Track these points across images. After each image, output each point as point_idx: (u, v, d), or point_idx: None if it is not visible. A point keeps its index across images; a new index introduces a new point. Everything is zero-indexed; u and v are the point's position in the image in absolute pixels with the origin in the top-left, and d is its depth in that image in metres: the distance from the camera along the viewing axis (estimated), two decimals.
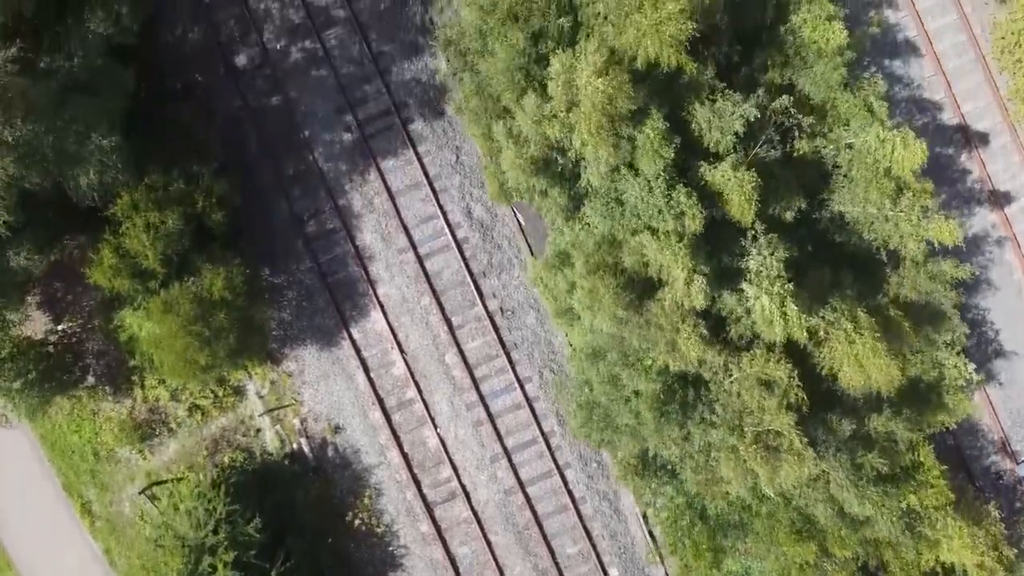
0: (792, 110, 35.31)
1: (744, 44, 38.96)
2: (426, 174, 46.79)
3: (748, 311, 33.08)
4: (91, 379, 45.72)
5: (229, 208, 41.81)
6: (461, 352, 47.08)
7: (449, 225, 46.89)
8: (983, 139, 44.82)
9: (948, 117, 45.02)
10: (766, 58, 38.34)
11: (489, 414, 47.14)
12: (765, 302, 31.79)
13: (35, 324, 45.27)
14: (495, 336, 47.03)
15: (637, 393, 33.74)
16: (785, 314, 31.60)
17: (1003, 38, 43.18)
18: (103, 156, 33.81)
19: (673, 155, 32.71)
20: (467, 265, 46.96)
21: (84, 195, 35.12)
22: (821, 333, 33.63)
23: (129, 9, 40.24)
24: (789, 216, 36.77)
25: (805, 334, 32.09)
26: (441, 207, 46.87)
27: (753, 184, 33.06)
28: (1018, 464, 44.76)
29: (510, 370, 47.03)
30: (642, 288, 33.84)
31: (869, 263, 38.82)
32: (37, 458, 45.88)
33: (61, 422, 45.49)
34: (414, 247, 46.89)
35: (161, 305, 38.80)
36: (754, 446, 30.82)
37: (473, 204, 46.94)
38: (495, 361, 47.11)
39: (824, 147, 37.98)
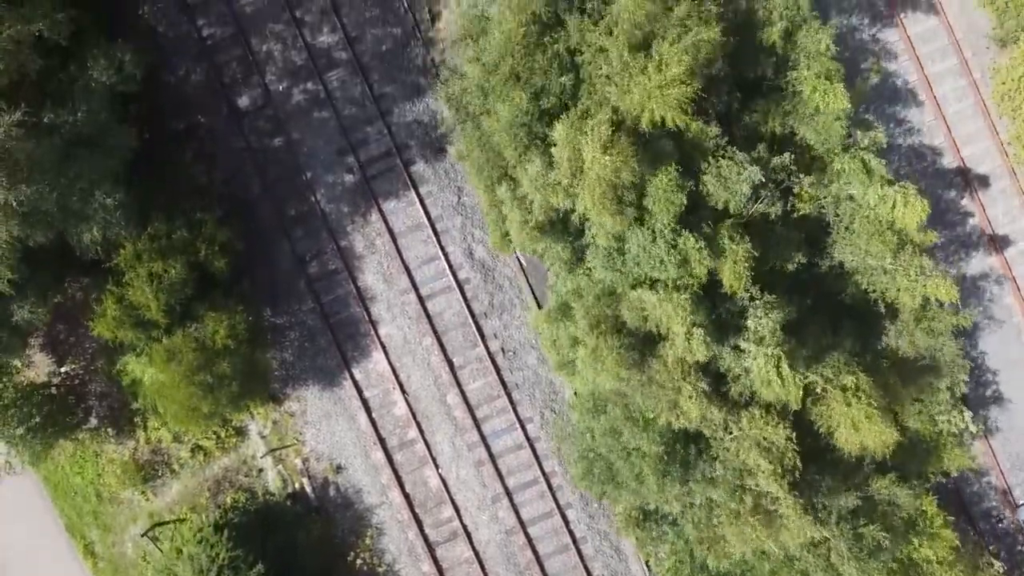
0: (792, 168, 35.45)
1: (744, 92, 39.10)
2: (428, 215, 46.96)
3: (747, 370, 33.24)
4: (94, 420, 45.90)
5: (232, 254, 41.95)
6: (462, 392, 47.25)
7: (451, 266, 47.05)
8: (983, 183, 44.98)
9: (948, 161, 45.18)
10: (767, 108, 38.44)
11: (490, 454, 47.32)
12: (762, 363, 31.94)
13: (38, 366, 45.44)
14: (496, 377, 47.20)
15: (639, 451, 33.92)
16: (781, 375, 31.76)
17: (1003, 83, 43.30)
18: (107, 214, 34.00)
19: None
20: (468, 306, 47.14)
21: (87, 250, 35.28)
22: (819, 390, 33.80)
23: (132, 57, 40.51)
24: (790, 267, 36.99)
25: (799, 397, 32.26)
26: (443, 248, 47.04)
27: (747, 259, 33.19)
28: (1018, 508, 44.92)
29: (511, 410, 47.21)
30: (643, 343, 34.00)
31: (868, 314, 38.98)
32: (40, 499, 46.06)
33: (64, 463, 45.66)
34: (416, 288, 47.06)
35: (164, 353, 38.99)
36: (754, 515, 31.00)
37: (475, 245, 47.09)
38: (496, 401, 47.29)
39: (825, 199, 38.13)
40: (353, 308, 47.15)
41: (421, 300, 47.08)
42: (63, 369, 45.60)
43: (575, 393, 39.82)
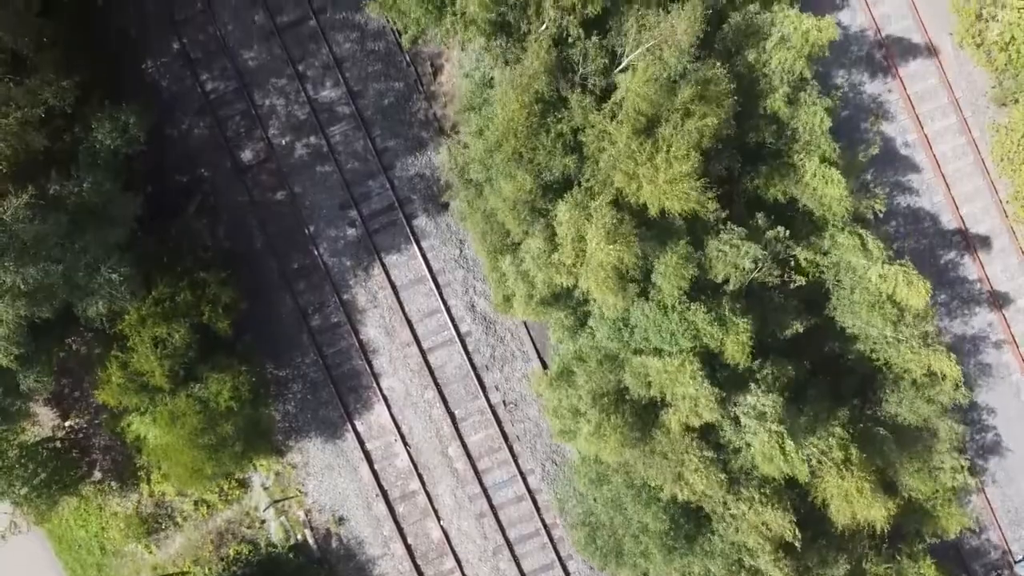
0: (790, 243, 35.71)
1: (745, 155, 39.34)
2: (429, 269, 47.22)
3: (748, 444, 33.52)
4: (98, 474, 46.18)
5: (235, 313, 42.22)
6: (464, 445, 47.52)
7: (452, 319, 47.31)
8: (982, 241, 45.22)
9: (947, 219, 45.40)
10: (768, 175, 38.67)
11: (492, 506, 47.60)
12: (764, 438, 32.22)
13: (41, 421, 45.71)
14: (497, 429, 47.48)
15: (642, 525, 34.17)
16: (785, 452, 32.03)
17: (1002, 143, 43.49)
18: (112, 289, 34.24)
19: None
20: (470, 359, 47.40)
21: (92, 321, 35.53)
22: (814, 462, 34.07)
23: (137, 118, 40.83)
24: (788, 333, 37.28)
25: (807, 473, 32.55)
26: (444, 301, 47.29)
27: (748, 333, 33.48)
28: (1016, 564, 45.18)
29: (512, 462, 47.48)
30: (645, 410, 34.28)
31: (868, 376, 39.24)
32: (44, 552, 46.33)
33: (68, 517, 45.93)
34: (417, 341, 47.32)
35: (168, 416, 39.29)
36: None
37: (476, 298, 47.34)
38: (497, 453, 47.56)
39: (825, 266, 38.39)
40: (355, 361, 47.41)
41: (423, 353, 47.34)
42: (67, 423, 45.88)
43: (579, 453, 40.07)
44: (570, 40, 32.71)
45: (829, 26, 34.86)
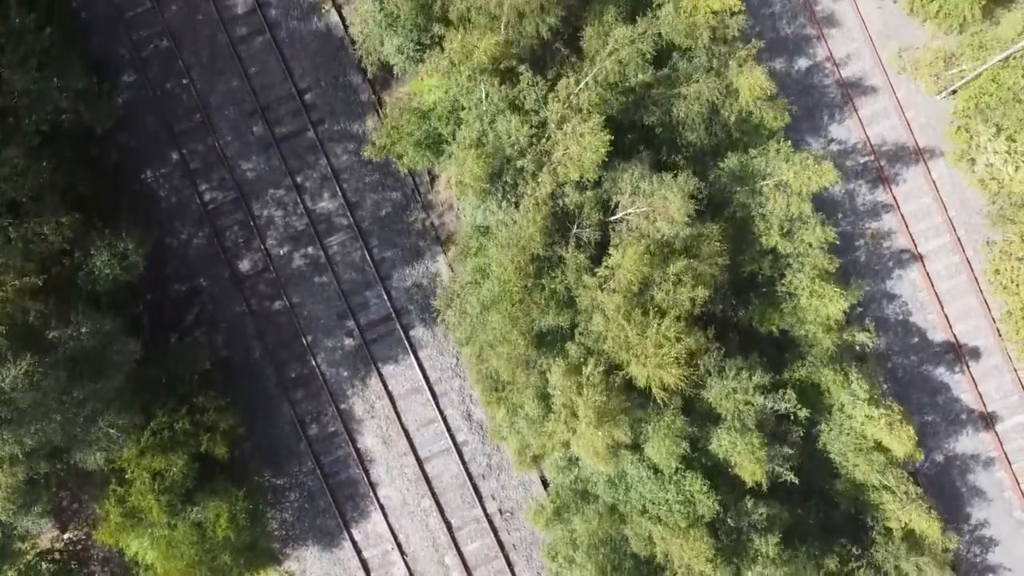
0: (788, 395, 36.14)
1: (739, 292, 39.67)
2: (426, 378, 47.51)
3: None
4: None
5: (234, 438, 42.55)
6: (460, 554, 47.80)
7: (449, 429, 47.60)
8: (975, 358, 45.45)
9: (940, 336, 45.64)
10: (762, 310, 38.99)
11: None
12: None
13: (41, 534, 45.93)
14: (494, 538, 47.74)
15: None
16: None
17: (995, 261, 43.76)
18: (110, 442, 34.53)
19: (688, 449, 33.55)
20: (466, 467, 47.67)
21: (89, 467, 35.83)
22: None
23: (136, 244, 41.18)
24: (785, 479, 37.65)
25: None
26: (441, 411, 47.58)
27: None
28: None
29: (509, 571, 47.72)
30: (647, 566, 34.59)
31: (860, 509, 39.53)
32: None
33: None
34: (414, 450, 47.62)
35: (165, 546, 39.52)
36: None
37: (473, 407, 47.61)
38: (494, 562, 47.82)
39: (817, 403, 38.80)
40: (352, 470, 47.71)
41: (419, 462, 47.64)
42: (65, 536, 46.12)
43: None
44: (566, 198, 32.99)
45: (828, 172, 35.16)
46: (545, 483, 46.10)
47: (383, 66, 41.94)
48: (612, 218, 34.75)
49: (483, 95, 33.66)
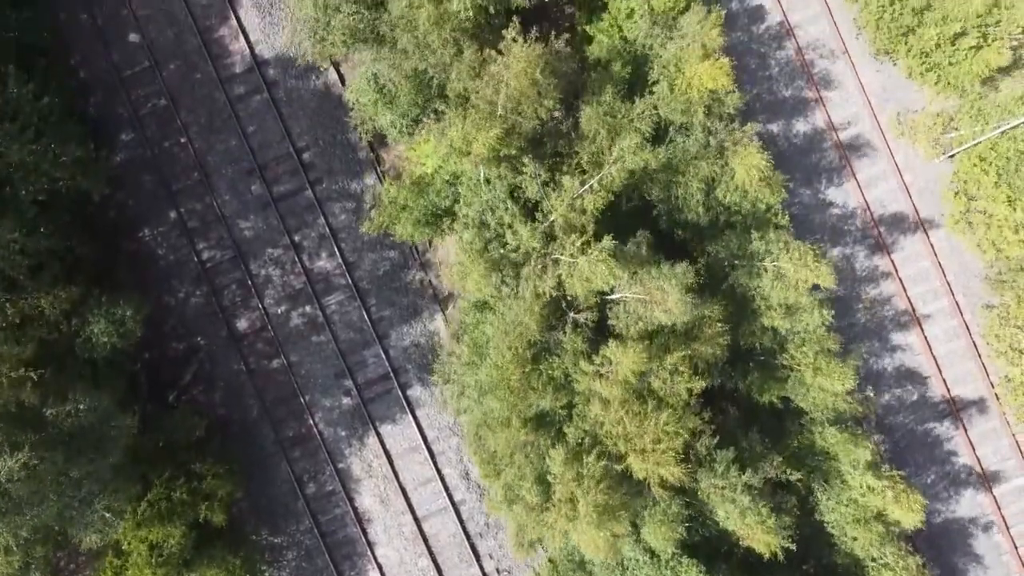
0: (784, 467, 36.05)
1: (738, 361, 39.61)
2: (424, 438, 47.51)
3: None
4: None
5: (232, 504, 42.55)
6: None
7: (447, 488, 47.59)
8: (973, 421, 45.39)
9: (938, 399, 45.58)
10: (761, 382, 38.96)
11: None
12: None
13: None
14: None
15: None
16: None
17: (994, 326, 43.70)
18: (106, 524, 34.53)
19: (684, 534, 33.53)
20: (464, 527, 47.66)
21: (84, 548, 35.84)
22: None
23: (133, 311, 41.17)
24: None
25: None
26: (439, 470, 47.56)
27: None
28: None
29: None
30: None
31: None
32: None
33: None
34: (412, 510, 47.62)
35: None
36: None
37: (470, 466, 47.57)
38: None
39: (814, 471, 38.71)
40: (350, 529, 47.70)
41: (417, 521, 47.64)
42: None
43: None
44: (564, 287, 32.96)
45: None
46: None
47: (378, 134, 41.94)
48: (610, 297, 34.70)
49: (483, 179, 33.65)
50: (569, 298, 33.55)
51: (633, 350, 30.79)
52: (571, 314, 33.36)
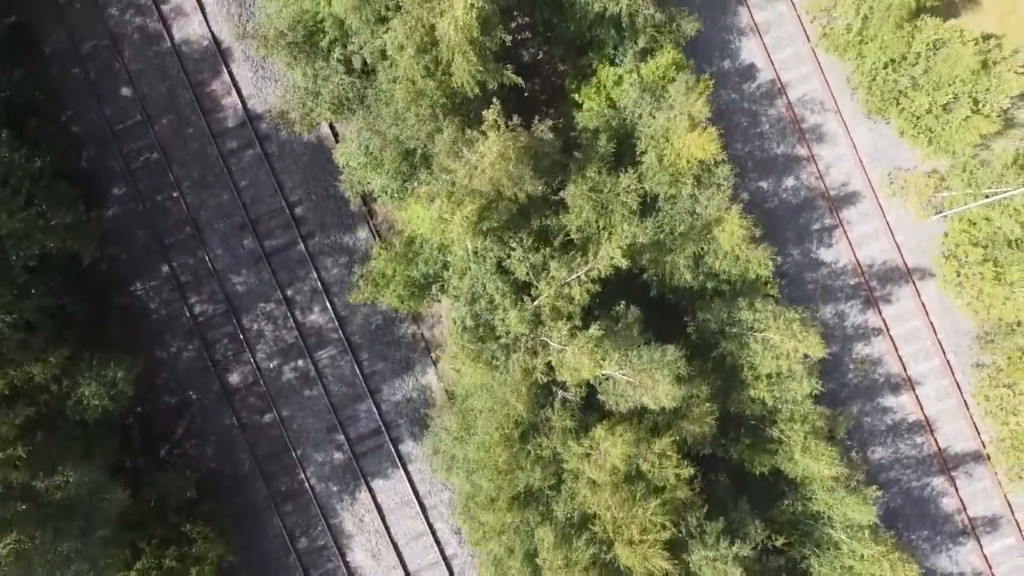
0: (776, 536, 36.05)
1: (728, 429, 39.58)
2: (416, 492, 47.50)
3: None
4: None
5: (222, 560, 42.57)
6: None
7: (438, 542, 47.58)
8: (964, 480, 45.35)
9: (930, 458, 45.55)
10: (751, 450, 38.95)
11: None
12: None
13: None
14: None
15: None
16: None
17: (985, 386, 43.68)
18: None
19: None
20: None
21: None
22: None
23: (125, 372, 41.20)
24: None
25: None
26: (430, 524, 47.56)
27: None
28: None
29: None
30: None
31: None
32: None
33: None
34: (403, 564, 47.62)
35: None
36: None
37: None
38: None
39: (805, 540, 38.70)
40: None
41: None
42: None
43: None
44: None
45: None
46: None
47: (367, 196, 41.94)
48: (600, 372, 34.64)
49: (470, 252, 33.62)
50: (559, 380, 33.52)
51: (621, 438, 30.80)
52: (560, 392, 33.36)
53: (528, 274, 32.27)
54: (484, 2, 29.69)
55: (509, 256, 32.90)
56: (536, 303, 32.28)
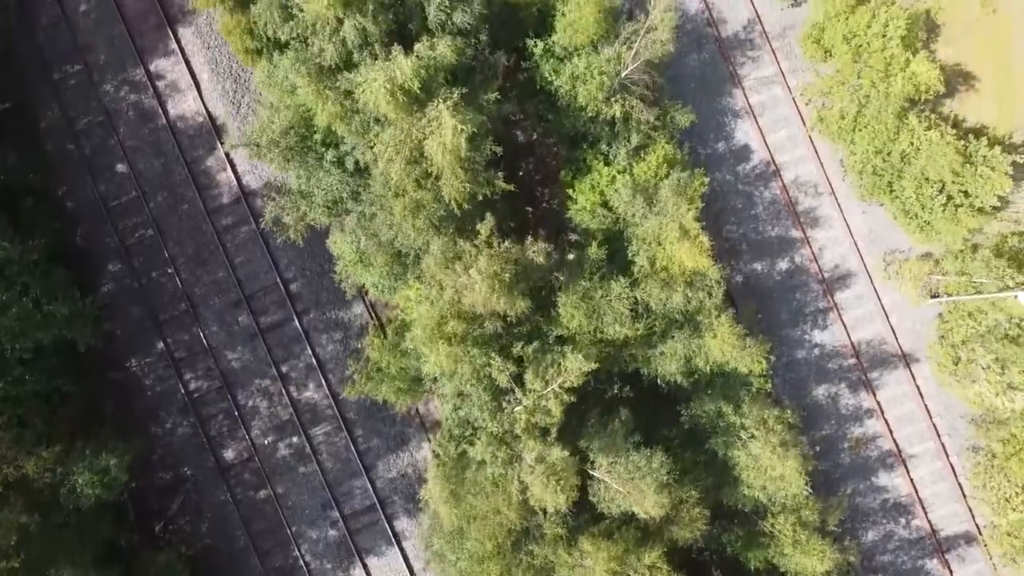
0: None
1: (721, 519, 39.65)
2: (410, 569, 47.57)
3: None
4: None
5: None
6: None
7: None
8: (959, 563, 45.33)
9: (924, 539, 45.52)
10: (746, 544, 39.03)
11: None
12: None
13: None
14: None
15: None
16: None
17: (981, 474, 43.58)
18: None
19: None
20: None
21: None
22: None
23: (119, 459, 41.29)
24: None
25: None
26: None
27: None
28: None
29: None
30: None
31: None
32: None
33: None
34: None
35: None
36: None
37: None
38: None
39: None
40: None
41: None
42: None
43: None
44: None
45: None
46: None
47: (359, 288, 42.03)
48: (591, 472, 34.69)
49: (447, 374, 33.75)
50: None
51: (607, 550, 30.82)
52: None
53: (509, 383, 32.36)
54: (473, 126, 29.67)
55: (489, 365, 32.94)
56: (513, 413, 32.34)
